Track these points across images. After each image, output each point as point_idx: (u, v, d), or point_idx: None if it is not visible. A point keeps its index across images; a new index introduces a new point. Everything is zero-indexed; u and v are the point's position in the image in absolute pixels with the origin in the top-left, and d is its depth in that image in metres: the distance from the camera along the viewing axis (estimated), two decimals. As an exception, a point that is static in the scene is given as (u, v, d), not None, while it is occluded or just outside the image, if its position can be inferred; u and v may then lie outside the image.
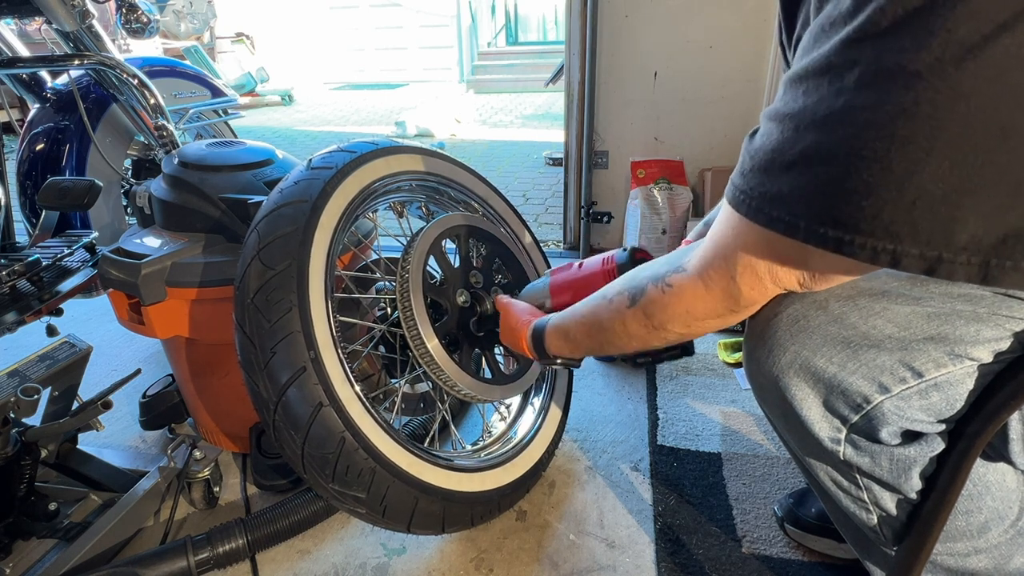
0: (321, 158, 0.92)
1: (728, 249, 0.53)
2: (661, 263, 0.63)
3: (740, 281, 0.53)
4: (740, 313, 0.57)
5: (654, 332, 0.63)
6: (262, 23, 9.72)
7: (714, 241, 0.54)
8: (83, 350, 0.98)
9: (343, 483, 0.76)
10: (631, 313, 0.63)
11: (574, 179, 2.12)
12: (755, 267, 0.51)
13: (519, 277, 1.08)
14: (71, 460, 1.01)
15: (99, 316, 1.80)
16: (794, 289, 0.53)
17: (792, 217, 0.44)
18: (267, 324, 0.76)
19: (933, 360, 0.52)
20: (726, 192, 0.51)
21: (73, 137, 1.46)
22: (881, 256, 0.41)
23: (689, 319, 0.59)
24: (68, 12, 1.30)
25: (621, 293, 0.65)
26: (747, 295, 0.54)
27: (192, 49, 6.81)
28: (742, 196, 0.48)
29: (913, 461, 0.57)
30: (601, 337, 0.70)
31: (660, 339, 0.64)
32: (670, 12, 1.84)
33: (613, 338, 0.68)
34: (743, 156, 0.50)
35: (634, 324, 0.64)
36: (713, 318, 0.58)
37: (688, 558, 0.91)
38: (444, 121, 5.39)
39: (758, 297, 0.54)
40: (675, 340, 0.64)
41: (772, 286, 0.52)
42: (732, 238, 0.52)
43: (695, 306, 0.57)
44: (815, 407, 0.58)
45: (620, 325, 0.65)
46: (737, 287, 0.53)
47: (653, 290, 0.61)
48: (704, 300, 0.56)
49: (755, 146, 0.48)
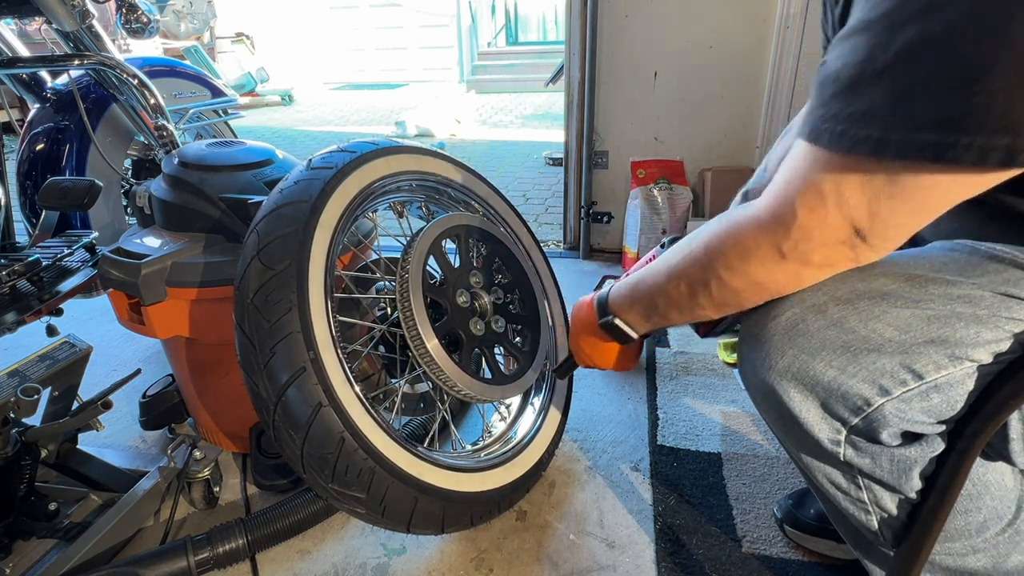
0: (321, 158, 0.92)
1: (796, 176, 0.48)
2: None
3: (799, 204, 0.48)
4: (790, 256, 0.51)
5: (707, 272, 0.57)
6: (262, 23, 9.72)
7: (782, 175, 0.50)
8: (83, 350, 0.98)
9: (342, 483, 0.76)
10: (691, 251, 0.59)
11: (574, 179, 2.12)
12: (819, 186, 0.47)
13: (519, 277, 1.08)
14: (71, 460, 1.01)
15: (99, 316, 1.80)
16: (854, 225, 0.47)
17: (883, 131, 0.41)
18: (267, 324, 0.76)
19: (934, 362, 0.52)
20: (800, 131, 0.49)
21: (73, 137, 1.46)
22: (991, 156, 0.38)
23: (742, 258, 0.54)
24: (68, 12, 1.30)
25: (689, 233, 0.61)
26: (803, 219, 0.48)
27: (192, 49, 6.81)
28: (824, 126, 0.45)
29: (914, 462, 0.57)
30: (661, 284, 0.64)
31: (717, 286, 0.58)
32: (670, 12, 1.84)
33: (671, 287, 0.62)
34: (816, 91, 0.47)
35: (692, 266, 0.59)
36: (762, 260, 0.52)
37: (688, 558, 0.91)
38: (444, 121, 5.39)
39: (814, 225, 0.48)
40: (728, 296, 0.58)
41: (834, 211, 0.47)
42: (804, 168, 0.48)
43: (747, 242, 0.53)
44: (813, 410, 0.57)
45: (684, 264, 0.60)
46: (794, 210, 0.48)
47: (716, 225, 0.57)
48: (757, 232, 0.51)
49: (833, 69, 0.45)
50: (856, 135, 0.43)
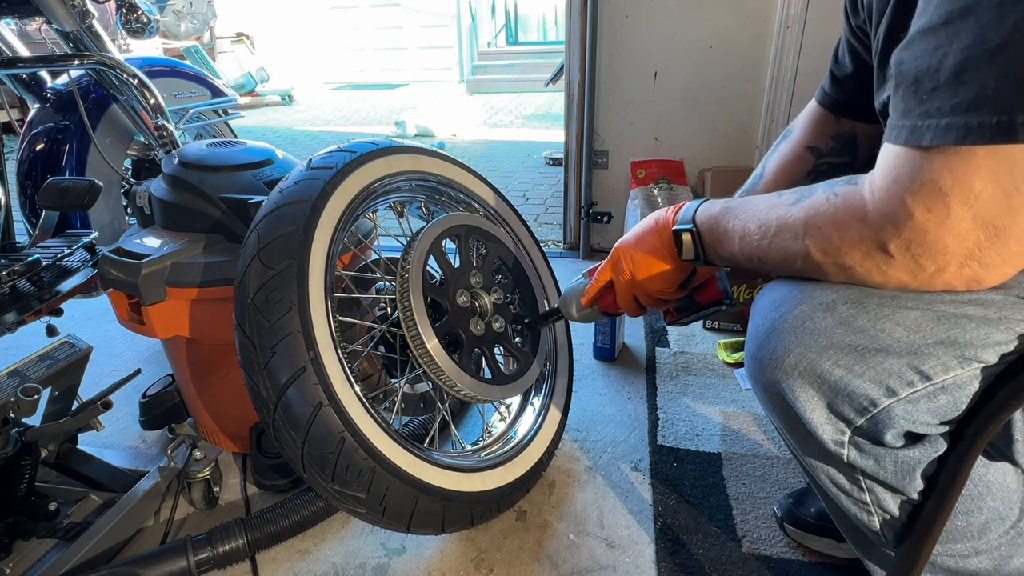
0: (321, 158, 0.92)
1: (903, 174, 0.45)
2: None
3: (913, 203, 0.44)
4: (898, 256, 0.48)
5: (800, 242, 0.55)
6: (262, 23, 9.72)
7: (884, 173, 0.47)
8: (83, 350, 0.98)
9: (343, 483, 0.76)
10: (791, 212, 0.56)
11: (574, 179, 2.12)
12: (939, 183, 0.43)
13: (519, 277, 1.08)
14: (71, 460, 1.01)
15: (99, 316, 1.80)
16: (989, 223, 0.43)
17: (1002, 115, 0.39)
18: (267, 324, 0.76)
19: (942, 364, 0.52)
20: (894, 135, 0.46)
21: (73, 137, 1.46)
22: None
23: (839, 238, 0.51)
24: (68, 12, 1.30)
25: (794, 192, 0.58)
26: (920, 219, 0.44)
27: (192, 49, 6.81)
28: (924, 125, 0.43)
29: (917, 463, 0.57)
30: (757, 229, 0.60)
31: (803, 260, 0.55)
32: (670, 12, 1.84)
33: (766, 237, 0.58)
34: (911, 87, 0.45)
35: (787, 229, 0.56)
36: (859, 247, 0.50)
37: (688, 558, 0.91)
38: (444, 121, 5.39)
39: (931, 226, 0.44)
40: (811, 269, 0.56)
41: (959, 208, 0.43)
42: (911, 167, 0.45)
43: (849, 224, 0.50)
44: (819, 410, 0.57)
45: (778, 221, 0.57)
46: (908, 209, 0.45)
47: (821, 195, 0.54)
48: (858, 217, 0.49)
49: (932, 61, 0.43)
50: (968, 125, 0.41)
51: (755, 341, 0.61)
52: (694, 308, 0.80)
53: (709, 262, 0.68)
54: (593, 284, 0.84)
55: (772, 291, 0.63)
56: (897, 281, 0.51)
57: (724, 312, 0.77)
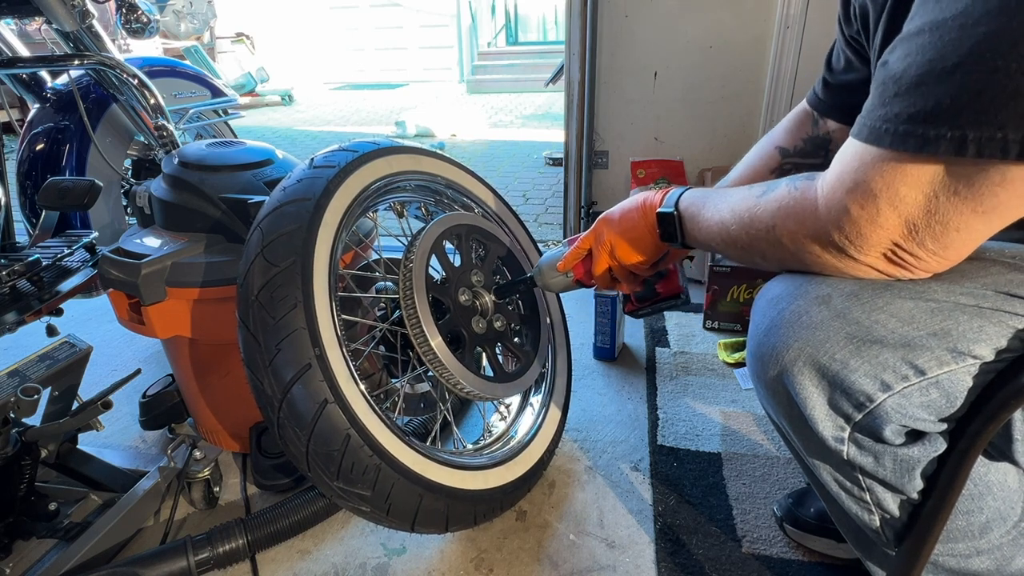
0: (323, 157, 0.92)
1: (847, 172, 0.49)
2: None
3: (849, 200, 0.49)
4: (846, 249, 0.52)
5: (770, 233, 0.58)
6: (262, 23, 9.71)
7: (835, 171, 0.51)
8: (83, 350, 0.98)
9: (348, 481, 0.76)
10: (760, 204, 0.60)
11: (574, 179, 2.12)
12: (870, 184, 0.47)
13: (519, 277, 1.08)
14: (71, 460, 1.01)
15: (99, 316, 1.80)
16: (908, 221, 0.48)
17: (954, 129, 0.41)
18: (271, 321, 0.76)
19: (936, 357, 0.52)
20: (856, 130, 0.49)
21: (73, 137, 1.46)
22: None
23: (798, 230, 0.55)
24: (68, 12, 1.30)
25: (763, 185, 0.62)
26: (855, 215, 0.49)
27: (192, 49, 6.81)
28: (885, 126, 0.46)
29: (916, 462, 0.57)
30: (731, 219, 0.64)
31: (769, 247, 0.59)
32: (670, 12, 1.84)
33: (739, 226, 0.62)
34: (880, 88, 0.47)
35: (757, 220, 0.60)
36: (823, 247, 0.54)
37: (688, 558, 0.91)
38: (444, 121, 5.39)
39: (864, 222, 0.49)
40: (782, 255, 0.59)
41: (887, 208, 0.47)
42: (856, 166, 0.49)
43: (808, 222, 0.54)
44: (819, 405, 0.57)
45: (748, 213, 0.61)
46: (845, 206, 0.50)
47: (784, 189, 0.58)
48: (814, 220, 0.53)
49: (900, 67, 0.45)
50: (925, 135, 0.43)
51: (755, 339, 0.62)
52: (652, 299, 0.86)
53: (686, 244, 0.73)
54: (573, 251, 0.88)
55: (770, 289, 0.63)
56: (845, 270, 0.55)
57: (679, 307, 0.87)
